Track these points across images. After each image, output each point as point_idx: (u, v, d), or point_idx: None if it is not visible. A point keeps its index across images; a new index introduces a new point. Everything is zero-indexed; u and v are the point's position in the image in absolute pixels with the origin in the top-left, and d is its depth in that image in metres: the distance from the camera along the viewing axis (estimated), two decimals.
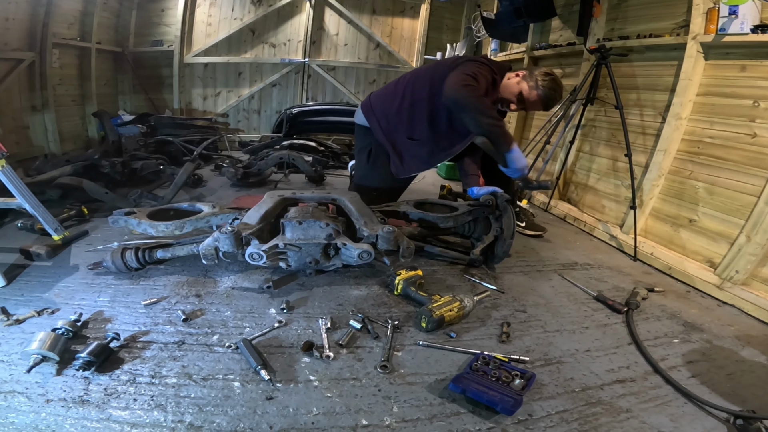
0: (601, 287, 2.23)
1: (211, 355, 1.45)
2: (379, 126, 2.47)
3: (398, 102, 2.43)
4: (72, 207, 2.58)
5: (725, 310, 2.13)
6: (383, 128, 2.47)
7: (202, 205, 2.14)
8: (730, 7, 2.23)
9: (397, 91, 2.47)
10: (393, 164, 2.49)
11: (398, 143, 2.47)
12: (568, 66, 3.76)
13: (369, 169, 2.60)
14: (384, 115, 2.47)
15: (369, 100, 2.58)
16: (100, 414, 1.17)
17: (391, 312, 1.80)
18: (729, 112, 2.35)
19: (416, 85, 2.42)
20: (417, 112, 2.39)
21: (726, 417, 1.35)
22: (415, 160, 2.48)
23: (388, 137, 2.47)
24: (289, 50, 5.92)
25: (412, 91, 2.41)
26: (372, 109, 2.51)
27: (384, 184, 2.58)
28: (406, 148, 2.46)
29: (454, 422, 1.25)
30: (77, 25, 4.45)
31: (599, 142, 3.30)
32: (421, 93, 2.37)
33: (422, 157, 2.47)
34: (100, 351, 1.33)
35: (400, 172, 2.49)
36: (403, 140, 2.45)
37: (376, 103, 2.53)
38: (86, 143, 4.61)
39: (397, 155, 2.47)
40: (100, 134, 4.62)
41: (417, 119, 2.40)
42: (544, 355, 1.61)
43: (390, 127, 2.46)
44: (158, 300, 1.74)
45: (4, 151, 1.91)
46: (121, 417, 1.17)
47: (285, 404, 1.26)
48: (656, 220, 2.77)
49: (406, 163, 2.48)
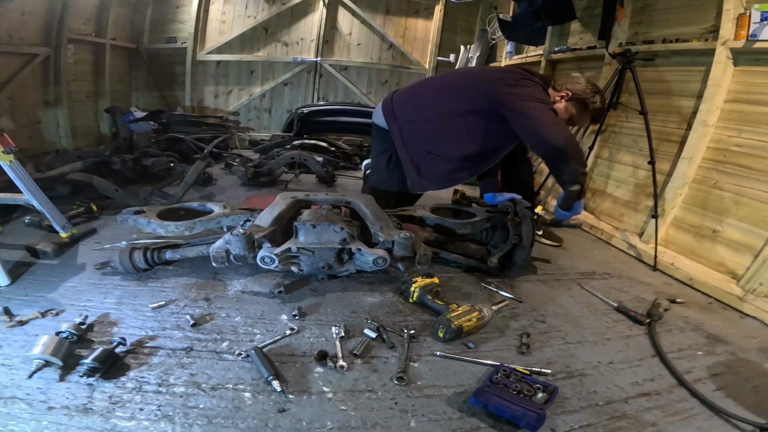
0: (621, 297, 2.16)
1: (221, 363, 1.40)
2: (399, 134, 2.31)
3: (423, 111, 2.27)
4: (81, 204, 2.55)
5: (748, 322, 2.07)
6: (404, 137, 2.30)
7: (212, 205, 2.09)
8: (762, 13, 2.18)
9: (423, 99, 2.33)
10: (409, 178, 2.33)
11: (416, 156, 2.29)
12: (588, 70, 3.69)
13: (389, 174, 2.45)
14: (406, 122, 2.30)
15: (391, 104, 2.39)
16: (105, 424, 1.12)
17: (406, 320, 1.74)
18: (758, 120, 2.26)
19: (448, 96, 2.25)
20: (444, 126, 2.23)
21: (752, 430, 1.31)
22: (435, 176, 2.31)
23: (408, 147, 2.30)
24: (301, 49, 5.89)
25: (441, 103, 2.25)
26: (394, 114, 2.33)
27: (403, 190, 2.41)
28: (425, 162, 2.29)
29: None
30: (93, 21, 4.45)
31: (620, 149, 3.21)
32: (455, 106, 2.20)
33: (442, 174, 2.30)
34: (105, 357, 1.29)
35: (416, 187, 2.34)
36: (422, 153, 2.28)
37: (399, 108, 2.35)
38: (98, 139, 4.60)
39: (414, 168, 2.31)
40: (111, 130, 4.62)
41: (443, 134, 2.24)
42: (565, 367, 1.55)
43: (411, 137, 2.29)
44: (166, 303, 1.70)
45: (13, 146, 1.87)
46: (126, 428, 1.12)
47: (298, 417, 1.20)
48: (678, 229, 2.68)
49: (424, 179, 2.32)
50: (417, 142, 2.28)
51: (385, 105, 2.41)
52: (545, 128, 1.99)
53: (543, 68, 4.22)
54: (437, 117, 2.24)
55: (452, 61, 6.13)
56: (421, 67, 6.24)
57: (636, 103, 2.74)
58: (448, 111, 2.22)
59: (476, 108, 2.17)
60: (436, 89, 2.36)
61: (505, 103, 2.09)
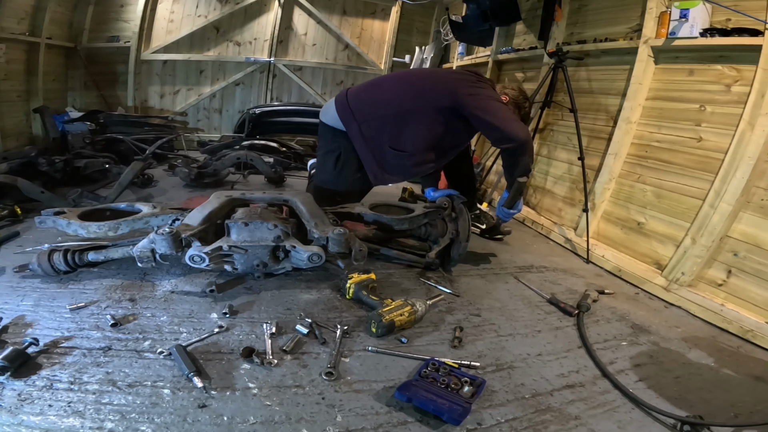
0: (554, 290, 2.24)
1: (141, 361, 1.35)
2: (359, 132, 2.30)
3: (384, 108, 2.30)
4: (5, 207, 2.40)
5: (672, 311, 2.17)
6: (364, 134, 2.30)
7: (141, 205, 2.01)
8: (682, 11, 2.28)
9: (383, 96, 2.36)
10: (371, 172, 2.37)
11: (379, 151, 2.33)
12: (530, 70, 3.83)
13: (336, 174, 2.46)
14: (366, 120, 2.30)
15: (346, 102, 2.37)
16: (12, 419, 1.09)
17: (341, 317, 1.74)
18: (676, 116, 2.42)
19: (409, 93, 2.32)
20: (406, 123, 2.28)
21: (673, 423, 1.33)
22: (399, 170, 2.38)
23: (369, 144, 2.31)
24: (254, 49, 5.79)
25: (402, 100, 2.30)
26: (352, 113, 2.32)
27: (350, 188, 2.47)
28: (387, 157, 2.34)
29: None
30: (28, 20, 4.23)
31: (556, 146, 3.35)
32: (416, 104, 2.27)
33: (406, 168, 2.39)
34: (15, 356, 1.24)
35: (379, 180, 2.40)
36: (385, 149, 2.32)
37: (356, 106, 2.34)
38: (30, 141, 4.34)
39: (377, 164, 2.35)
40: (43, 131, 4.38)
41: (407, 131, 2.28)
42: (496, 360, 1.58)
43: (372, 134, 2.30)
44: (86, 304, 1.62)
45: None
46: (33, 422, 1.08)
47: (219, 413, 1.18)
48: (608, 223, 2.83)
49: (387, 173, 2.38)
50: (378, 138, 2.31)
51: (340, 103, 2.39)
52: (509, 124, 2.16)
53: (490, 69, 4.35)
54: (398, 114, 2.28)
55: (407, 62, 6.20)
56: (377, 67, 6.27)
57: (568, 102, 2.87)
58: (409, 108, 2.28)
59: (438, 105, 2.26)
60: (395, 87, 2.41)
61: (467, 100, 2.20)
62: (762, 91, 1.98)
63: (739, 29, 2.09)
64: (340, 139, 2.39)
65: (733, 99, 2.15)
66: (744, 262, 2.04)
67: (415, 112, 2.27)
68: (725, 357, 1.79)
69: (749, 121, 2.01)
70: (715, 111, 2.23)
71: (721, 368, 1.70)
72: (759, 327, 1.90)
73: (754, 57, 2.01)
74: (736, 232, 2.08)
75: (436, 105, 2.26)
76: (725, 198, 2.08)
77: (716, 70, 2.24)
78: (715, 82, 2.24)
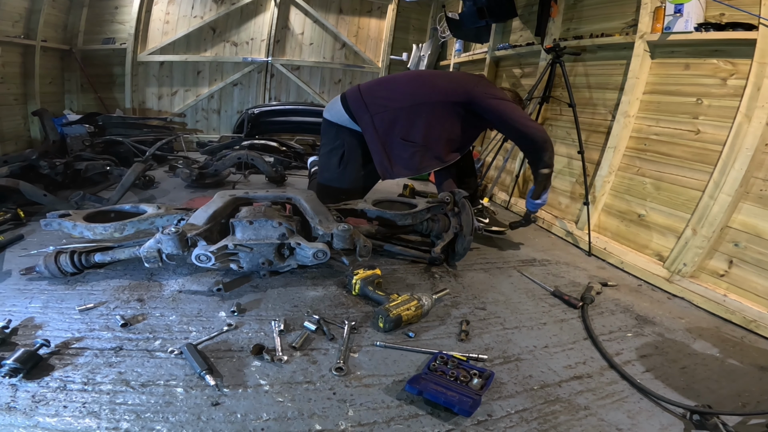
0: (558, 283, 2.26)
1: (152, 360, 1.36)
2: (371, 123, 2.34)
3: (398, 101, 2.35)
4: (8, 210, 2.40)
5: (675, 302, 2.19)
6: (377, 126, 2.34)
7: (146, 206, 2.02)
8: (676, 6, 2.30)
9: (397, 90, 2.41)
10: (380, 165, 2.40)
11: (388, 143, 2.36)
12: (527, 66, 3.84)
13: (340, 172, 2.50)
14: (379, 111, 2.34)
15: (359, 95, 2.40)
16: (28, 421, 1.09)
17: (348, 313, 1.75)
18: (674, 110, 2.44)
19: (423, 87, 2.39)
20: (421, 115, 2.32)
21: (682, 412, 1.35)
22: (406, 163, 2.39)
23: (381, 136, 2.35)
24: (251, 49, 5.78)
25: (416, 92, 2.36)
26: (365, 105, 2.36)
27: (354, 185, 2.51)
28: (397, 149, 2.37)
29: (412, 425, 1.21)
30: (22, 23, 4.21)
31: (555, 140, 3.35)
32: (430, 96, 2.34)
33: (415, 161, 2.39)
34: (27, 358, 1.24)
35: (387, 173, 2.41)
36: (396, 141, 2.35)
37: (371, 99, 2.37)
38: (28, 144, 4.33)
39: (386, 156, 2.38)
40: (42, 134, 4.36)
41: (419, 122, 2.33)
42: (503, 352, 1.60)
43: (385, 126, 2.34)
44: (95, 305, 1.63)
45: None
46: (49, 424, 1.09)
47: (232, 410, 1.19)
48: (608, 215, 2.85)
49: (395, 166, 2.39)
50: (390, 130, 2.35)
51: (353, 96, 2.42)
52: (527, 124, 2.29)
53: (487, 65, 4.37)
54: (412, 106, 2.33)
55: (405, 60, 6.21)
56: (374, 65, 6.28)
57: (567, 97, 2.88)
58: (423, 100, 2.34)
59: (451, 99, 2.33)
60: (409, 82, 2.46)
61: (485, 100, 2.30)
62: (758, 84, 2.00)
63: (734, 24, 2.11)
64: (343, 136, 2.43)
65: (729, 92, 2.17)
66: (745, 252, 2.06)
67: (429, 104, 2.33)
68: (730, 347, 1.80)
69: (746, 114, 2.03)
70: (712, 104, 2.25)
71: (726, 358, 1.72)
72: (762, 317, 1.92)
73: (749, 51, 2.03)
74: (736, 223, 2.10)
75: (449, 99, 2.33)
76: (724, 189, 2.10)
77: (712, 64, 2.26)
78: (711, 75, 2.26)
